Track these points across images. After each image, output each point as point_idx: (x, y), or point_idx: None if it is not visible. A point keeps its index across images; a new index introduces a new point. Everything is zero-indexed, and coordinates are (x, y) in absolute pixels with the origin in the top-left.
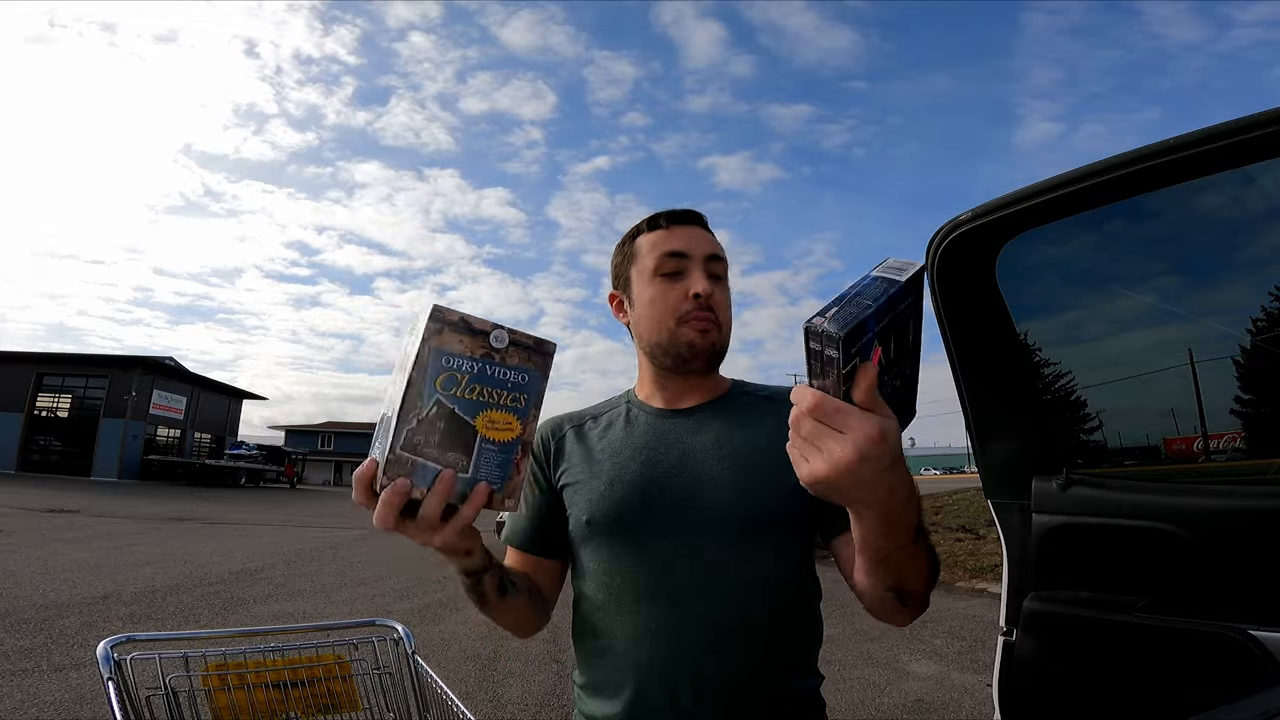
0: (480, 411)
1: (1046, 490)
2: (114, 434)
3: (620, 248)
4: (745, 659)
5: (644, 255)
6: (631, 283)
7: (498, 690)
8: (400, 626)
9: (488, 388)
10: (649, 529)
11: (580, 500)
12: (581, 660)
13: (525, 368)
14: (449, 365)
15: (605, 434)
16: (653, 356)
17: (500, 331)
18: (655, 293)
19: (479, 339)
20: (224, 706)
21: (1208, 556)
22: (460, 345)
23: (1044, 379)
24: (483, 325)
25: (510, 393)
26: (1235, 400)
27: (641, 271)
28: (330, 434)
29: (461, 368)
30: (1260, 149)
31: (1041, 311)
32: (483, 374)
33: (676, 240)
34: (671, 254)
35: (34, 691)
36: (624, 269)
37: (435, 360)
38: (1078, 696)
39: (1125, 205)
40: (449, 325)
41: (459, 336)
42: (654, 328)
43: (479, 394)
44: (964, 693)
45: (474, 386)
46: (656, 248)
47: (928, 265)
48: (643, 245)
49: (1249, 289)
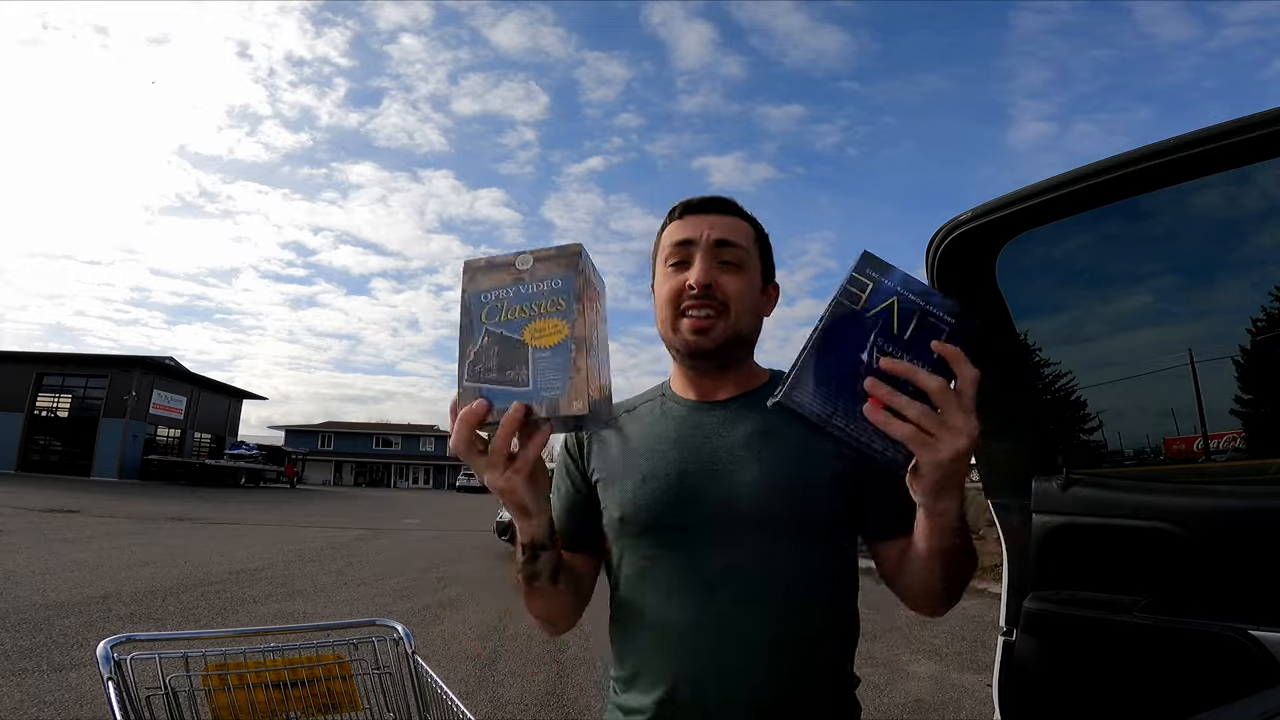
0: (525, 326)
1: (1046, 490)
2: (114, 434)
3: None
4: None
5: (663, 245)
6: (655, 273)
7: (498, 690)
8: (400, 626)
9: (527, 304)
10: (681, 525)
11: (614, 496)
12: (616, 652)
13: (555, 275)
14: (488, 300)
15: (640, 428)
16: (668, 347)
17: (524, 255)
18: (664, 282)
19: (507, 270)
20: (224, 706)
21: (1208, 556)
22: (492, 280)
23: (1044, 379)
24: (506, 258)
25: (548, 299)
26: (1235, 400)
27: (660, 263)
28: (330, 434)
29: (500, 297)
30: (1257, 150)
31: (1041, 311)
32: (519, 295)
33: (685, 228)
34: (679, 243)
35: (34, 691)
36: (652, 260)
37: (475, 302)
38: (1078, 696)
39: (1124, 205)
40: (479, 270)
41: (489, 275)
42: (661, 319)
43: (520, 312)
44: (964, 693)
45: (514, 308)
46: (670, 237)
47: (928, 265)
48: (664, 236)
49: (1249, 289)
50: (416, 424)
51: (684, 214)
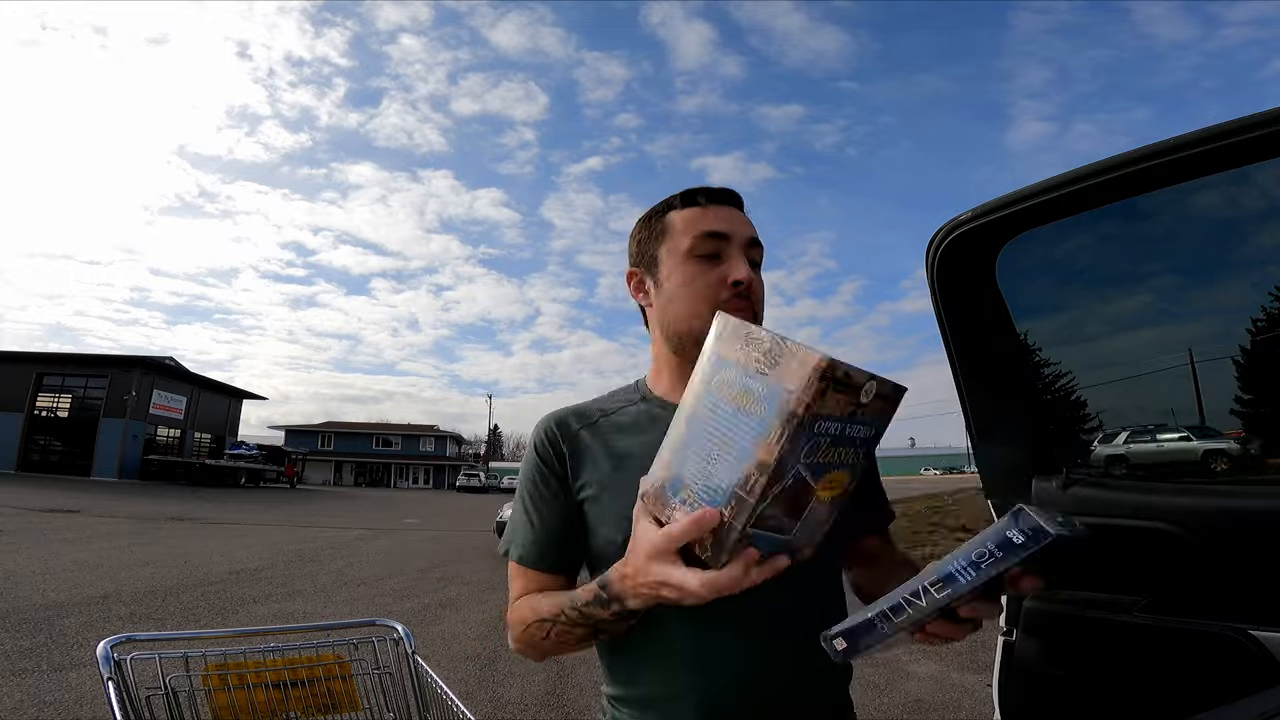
0: (825, 474)
1: (1046, 490)
2: (114, 434)
3: (646, 222)
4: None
5: (678, 233)
6: (660, 262)
7: (498, 690)
8: (400, 626)
9: (841, 448)
10: None
11: (611, 516)
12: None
13: (877, 419)
14: (819, 431)
15: (625, 436)
16: (678, 346)
17: (871, 383)
18: (689, 275)
19: (851, 395)
20: (224, 706)
21: (1208, 556)
22: (834, 405)
23: (1044, 379)
24: (859, 377)
25: (855, 449)
26: (1235, 400)
27: (673, 250)
28: (330, 434)
29: (828, 431)
30: (1257, 150)
31: (1041, 311)
32: (841, 435)
33: (716, 220)
34: (710, 234)
35: (34, 691)
36: (650, 246)
37: (809, 428)
38: (1078, 696)
39: (1124, 205)
40: (834, 383)
41: (837, 395)
42: (685, 314)
43: (832, 456)
44: (964, 693)
45: (831, 450)
46: (694, 226)
47: (928, 265)
48: (676, 222)
49: (1249, 289)
50: (416, 424)
51: (709, 203)
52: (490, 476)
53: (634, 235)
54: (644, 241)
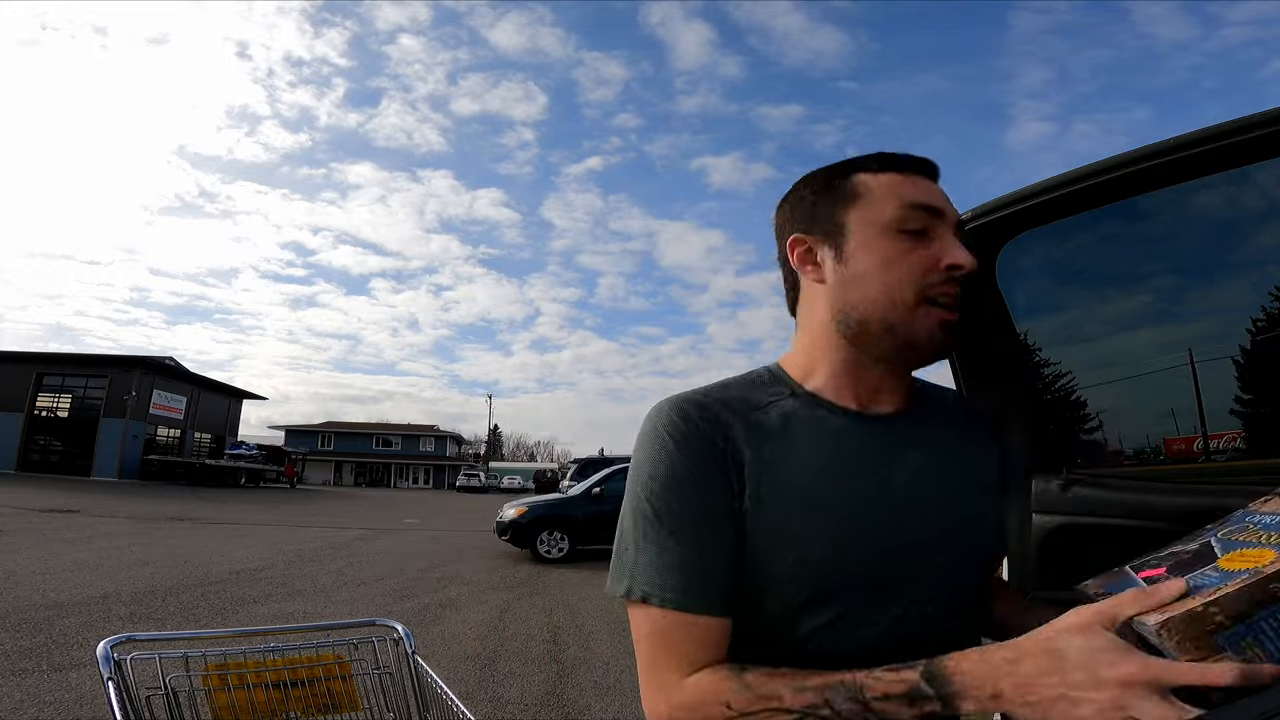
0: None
1: (1046, 490)
2: (114, 434)
3: (822, 181)
4: None
5: (876, 200)
6: (848, 230)
7: (498, 690)
8: (400, 626)
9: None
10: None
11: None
12: None
13: None
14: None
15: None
16: (857, 333)
17: None
18: (893, 253)
19: None
20: (224, 706)
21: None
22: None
23: (1044, 379)
24: None
25: None
26: (1235, 400)
27: (869, 219)
28: (330, 434)
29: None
30: (1257, 150)
31: (1041, 311)
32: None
33: (926, 192)
34: (921, 206)
35: (34, 691)
36: (832, 209)
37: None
38: None
39: (1124, 205)
40: None
41: None
42: (883, 297)
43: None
44: None
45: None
46: (899, 194)
47: None
48: (873, 186)
49: (1249, 289)
50: (416, 424)
51: (914, 172)
52: (490, 476)
53: (798, 195)
54: (819, 204)
